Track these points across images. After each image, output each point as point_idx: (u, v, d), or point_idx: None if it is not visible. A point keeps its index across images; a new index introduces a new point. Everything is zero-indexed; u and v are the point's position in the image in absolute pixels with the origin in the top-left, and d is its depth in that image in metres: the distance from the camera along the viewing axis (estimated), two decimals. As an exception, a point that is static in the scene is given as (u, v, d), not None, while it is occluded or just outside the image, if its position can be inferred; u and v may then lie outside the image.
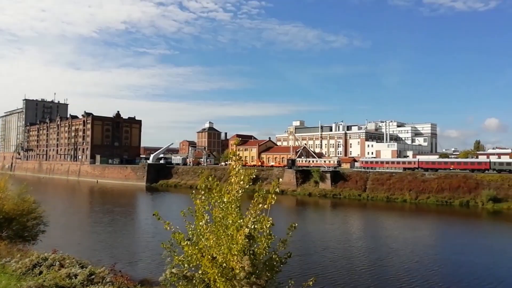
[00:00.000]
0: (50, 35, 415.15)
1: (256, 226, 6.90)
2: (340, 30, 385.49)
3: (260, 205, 7.02)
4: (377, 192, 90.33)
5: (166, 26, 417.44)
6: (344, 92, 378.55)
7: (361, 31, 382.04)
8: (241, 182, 7.07)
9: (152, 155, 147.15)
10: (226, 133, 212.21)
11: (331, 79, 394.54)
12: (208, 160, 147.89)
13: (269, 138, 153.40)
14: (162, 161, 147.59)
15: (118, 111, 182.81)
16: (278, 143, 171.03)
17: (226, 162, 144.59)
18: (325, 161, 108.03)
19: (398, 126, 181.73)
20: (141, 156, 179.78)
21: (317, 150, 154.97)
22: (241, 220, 6.82)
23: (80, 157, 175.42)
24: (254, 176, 7.20)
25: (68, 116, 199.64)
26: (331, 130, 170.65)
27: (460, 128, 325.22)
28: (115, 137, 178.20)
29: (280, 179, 8.14)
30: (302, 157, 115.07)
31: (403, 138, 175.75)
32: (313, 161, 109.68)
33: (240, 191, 7.08)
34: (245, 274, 6.62)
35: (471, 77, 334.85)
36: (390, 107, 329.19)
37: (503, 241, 48.41)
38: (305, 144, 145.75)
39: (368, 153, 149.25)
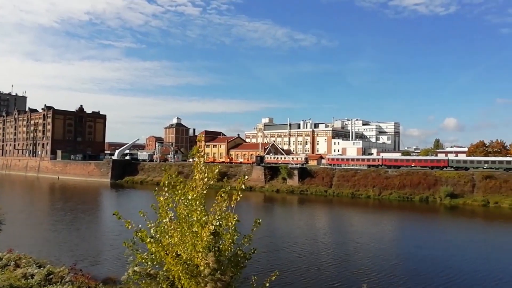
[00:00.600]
0: (7, 23, 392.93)
1: (221, 223, 6.87)
2: (308, 29, 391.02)
3: (225, 202, 6.99)
4: (343, 189, 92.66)
5: (133, 18, 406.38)
6: (313, 90, 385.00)
7: (329, 30, 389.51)
8: (205, 179, 7.01)
9: (117, 151, 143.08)
10: (194, 129, 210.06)
11: (300, 77, 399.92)
12: (175, 156, 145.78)
13: (238, 135, 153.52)
14: (127, 157, 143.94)
15: (81, 105, 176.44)
16: (247, 140, 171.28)
17: (194, 159, 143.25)
18: (293, 158, 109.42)
19: (363, 124, 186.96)
20: (105, 152, 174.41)
21: (286, 147, 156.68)
22: (206, 217, 6.77)
23: (39, 152, 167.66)
24: (217, 172, 7.15)
25: (27, 109, 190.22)
26: (299, 127, 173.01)
27: (422, 127, 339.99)
28: (78, 132, 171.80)
29: (246, 176, 8.09)
30: (271, 154, 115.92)
31: (368, 136, 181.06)
32: (281, 158, 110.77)
33: (205, 188, 7.03)
34: (210, 271, 6.60)
35: (432, 78, 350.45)
36: (356, 106, 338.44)
37: (460, 235, 50.95)
38: (274, 141, 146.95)
39: (335, 150, 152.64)
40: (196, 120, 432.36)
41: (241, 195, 7.04)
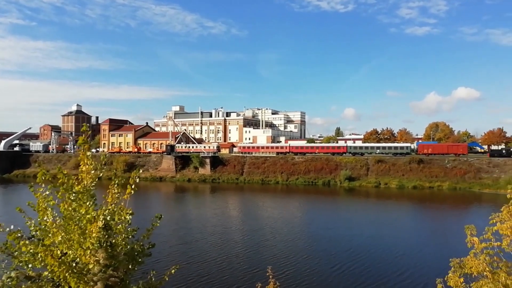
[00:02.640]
0: None
1: (114, 217, 6.41)
2: (218, 17, 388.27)
3: (118, 195, 6.54)
4: (253, 176, 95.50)
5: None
6: (224, 79, 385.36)
7: (238, 20, 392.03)
8: (93, 171, 6.45)
9: (3, 142, 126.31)
10: (97, 117, 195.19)
11: (211, 66, 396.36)
12: (75, 147, 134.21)
13: (147, 123, 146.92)
14: (17, 148, 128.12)
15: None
16: (157, 129, 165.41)
17: (98, 149, 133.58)
18: (205, 147, 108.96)
19: (272, 113, 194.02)
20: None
21: (197, 136, 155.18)
22: (95, 212, 6.25)
23: None
24: (104, 163, 6.64)
25: None
26: (211, 116, 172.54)
27: (325, 116, 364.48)
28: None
29: (140, 170, 7.62)
30: (182, 143, 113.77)
31: (277, 125, 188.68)
32: (192, 147, 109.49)
33: (94, 181, 6.47)
34: (101, 268, 6.13)
35: (334, 71, 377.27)
36: (266, 95, 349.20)
37: (359, 215, 56.10)
38: (185, 129, 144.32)
39: (246, 138, 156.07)
40: (100, 108, 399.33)
41: (136, 189, 6.65)
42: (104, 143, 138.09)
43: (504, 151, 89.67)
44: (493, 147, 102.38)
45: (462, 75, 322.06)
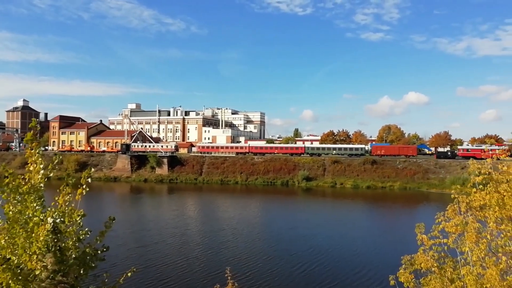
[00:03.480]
0: None
1: (63, 219, 6.06)
2: (176, 13, 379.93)
3: (69, 196, 6.19)
4: (212, 176, 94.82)
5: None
6: (183, 77, 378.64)
7: (198, 18, 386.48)
8: (42, 171, 6.06)
9: None
10: (46, 114, 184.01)
11: (169, 63, 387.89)
12: (21, 144, 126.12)
13: (101, 121, 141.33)
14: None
15: None
16: (111, 127, 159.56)
17: (46, 148, 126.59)
18: (162, 146, 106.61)
19: (232, 113, 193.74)
20: None
21: (155, 135, 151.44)
22: (43, 214, 5.87)
23: None
24: (56, 162, 6.27)
25: None
26: (169, 114, 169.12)
27: (284, 117, 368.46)
28: None
29: (92, 169, 7.28)
30: (138, 142, 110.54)
31: (237, 125, 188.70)
32: (149, 146, 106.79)
33: (42, 181, 6.08)
34: (48, 274, 5.77)
35: (293, 74, 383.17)
36: (226, 95, 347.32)
37: (318, 214, 57.21)
38: (142, 128, 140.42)
39: (205, 138, 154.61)
40: (49, 104, 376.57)
41: (87, 189, 6.32)
42: (54, 141, 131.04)
43: (449, 153, 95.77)
44: (440, 149, 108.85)
45: (413, 80, 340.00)
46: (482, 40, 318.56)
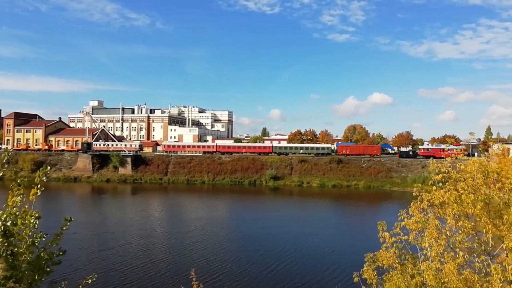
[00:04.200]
0: None
1: (16, 222, 5.65)
2: (141, 8, 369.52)
3: (22, 196, 5.79)
4: (178, 175, 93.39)
5: None
6: (148, 74, 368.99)
7: (163, 13, 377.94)
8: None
9: None
10: (0, 110, 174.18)
11: (134, 59, 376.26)
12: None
13: (60, 118, 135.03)
14: None
15: None
16: (71, 125, 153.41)
17: (0, 146, 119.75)
18: (126, 145, 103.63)
19: (199, 112, 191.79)
20: None
21: (118, 133, 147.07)
22: (-8, 217, 5.45)
23: None
24: (4, 160, 5.85)
25: None
26: (133, 112, 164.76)
27: (252, 116, 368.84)
28: None
29: (49, 167, 6.87)
30: (100, 141, 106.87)
31: (204, 124, 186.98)
32: (112, 145, 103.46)
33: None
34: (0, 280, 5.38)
35: (260, 73, 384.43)
36: (193, 93, 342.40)
37: (286, 213, 57.79)
38: (104, 126, 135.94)
39: (171, 137, 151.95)
40: (3, 100, 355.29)
41: (42, 189, 5.93)
42: (8, 140, 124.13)
43: (411, 153, 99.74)
44: (402, 149, 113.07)
45: (377, 81, 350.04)
46: (441, 43, 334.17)
